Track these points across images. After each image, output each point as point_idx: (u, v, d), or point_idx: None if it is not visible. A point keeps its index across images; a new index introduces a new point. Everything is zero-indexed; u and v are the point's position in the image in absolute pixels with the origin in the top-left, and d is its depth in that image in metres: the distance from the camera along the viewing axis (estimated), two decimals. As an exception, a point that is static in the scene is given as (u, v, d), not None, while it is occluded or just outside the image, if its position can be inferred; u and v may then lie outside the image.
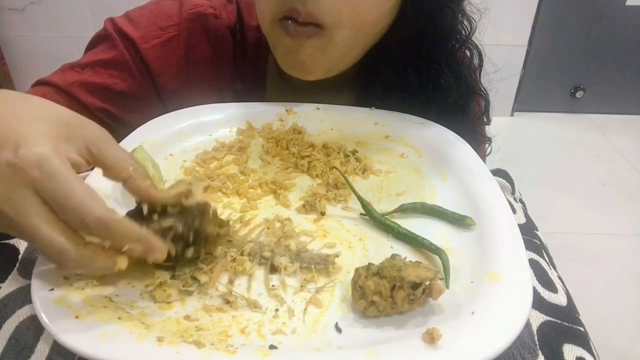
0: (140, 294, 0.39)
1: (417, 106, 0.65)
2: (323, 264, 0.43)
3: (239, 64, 0.72)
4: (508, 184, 0.60)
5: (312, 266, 0.43)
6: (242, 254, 0.44)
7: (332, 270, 0.43)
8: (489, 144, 0.74)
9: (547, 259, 0.51)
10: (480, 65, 0.69)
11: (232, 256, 0.43)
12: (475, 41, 0.66)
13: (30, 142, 0.33)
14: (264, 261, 0.44)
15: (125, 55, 0.65)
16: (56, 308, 0.35)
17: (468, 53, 0.68)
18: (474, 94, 0.69)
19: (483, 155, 0.72)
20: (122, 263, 0.36)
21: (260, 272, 0.43)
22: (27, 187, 0.33)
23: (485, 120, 0.73)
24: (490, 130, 0.76)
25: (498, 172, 0.60)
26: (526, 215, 0.57)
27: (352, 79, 0.72)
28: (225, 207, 0.51)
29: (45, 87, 0.64)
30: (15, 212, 0.33)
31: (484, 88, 0.72)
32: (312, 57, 0.59)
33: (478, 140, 0.70)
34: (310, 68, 0.60)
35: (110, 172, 0.38)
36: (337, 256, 0.44)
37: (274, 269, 0.43)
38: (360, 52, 0.63)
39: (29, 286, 0.37)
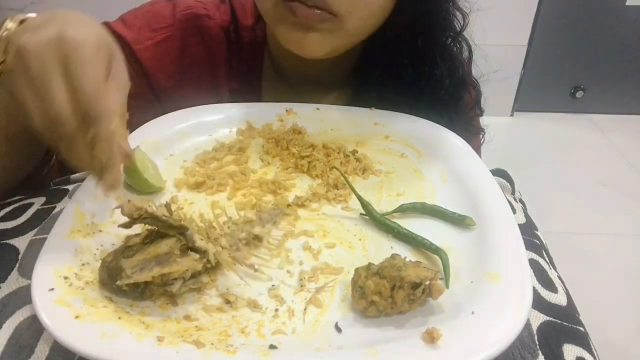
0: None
1: (410, 98, 0.66)
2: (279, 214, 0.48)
3: (234, 63, 0.73)
4: (508, 184, 0.60)
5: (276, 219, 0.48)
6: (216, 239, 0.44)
7: (289, 213, 0.49)
8: (483, 135, 0.76)
9: (547, 259, 0.51)
10: (470, 57, 0.71)
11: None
12: (464, 35, 0.68)
13: (81, 28, 0.38)
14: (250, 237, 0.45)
15: None
16: (56, 308, 0.35)
17: (458, 46, 0.69)
18: (466, 84, 0.71)
19: (478, 146, 0.74)
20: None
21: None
22: (60, 58, 0.36)
23: (478, 111, 0.75)
24: (488, 129, 0.77)
25: (498, 172, 0.60)
26: (526, 215, 0.57)
27: (348, 77, 0.73)
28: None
29: None
30: (38, 71, 0.36)
31: (475, 79, 0.74)
32: (320, 38, 0.58)
33: (472, 132, 0.72)
34: (315, 48, 0.60)
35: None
36: (289, 205, 0.49)
37: (258, 239, 0.45)
38: (362, 38, 0.63)
39: (29, 286, 0.37)
